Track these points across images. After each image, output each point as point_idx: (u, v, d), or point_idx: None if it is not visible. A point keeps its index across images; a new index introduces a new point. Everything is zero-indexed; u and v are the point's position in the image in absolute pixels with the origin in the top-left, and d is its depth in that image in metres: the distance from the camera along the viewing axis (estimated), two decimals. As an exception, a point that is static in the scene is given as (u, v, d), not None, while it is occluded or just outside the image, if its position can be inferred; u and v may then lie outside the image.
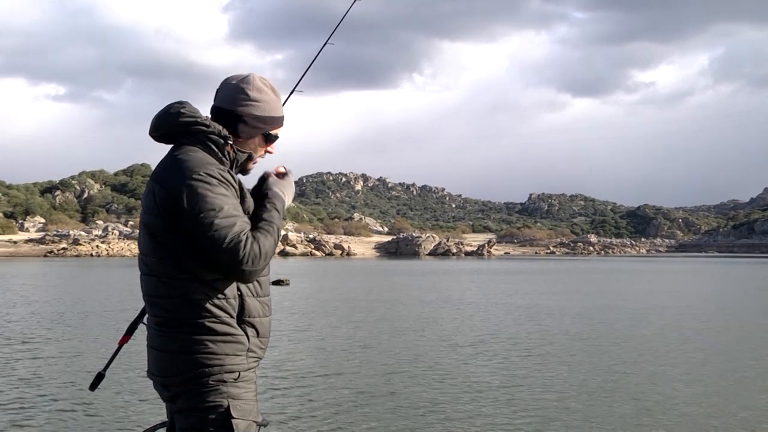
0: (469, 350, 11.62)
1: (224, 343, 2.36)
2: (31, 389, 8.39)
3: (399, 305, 19.63)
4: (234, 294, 2.40)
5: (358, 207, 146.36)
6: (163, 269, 2.37)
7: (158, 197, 2.33)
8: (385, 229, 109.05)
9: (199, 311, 2.35)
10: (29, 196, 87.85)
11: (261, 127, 2.54)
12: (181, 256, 2.34)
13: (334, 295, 23.08)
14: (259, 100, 2.51)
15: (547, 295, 24.05)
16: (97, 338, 12.65)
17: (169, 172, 2.35)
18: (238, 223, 2.30)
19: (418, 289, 26.53)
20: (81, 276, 34.10)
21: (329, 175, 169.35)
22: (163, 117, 2.46)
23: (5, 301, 19.61)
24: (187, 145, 2.41)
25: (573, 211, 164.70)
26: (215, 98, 2.55)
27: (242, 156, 2.53)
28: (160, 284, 2.38)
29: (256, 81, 2.53)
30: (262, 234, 2.36)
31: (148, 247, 2.40)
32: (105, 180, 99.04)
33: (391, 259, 69.18)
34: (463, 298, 22.08)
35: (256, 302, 2.47)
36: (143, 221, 2.42)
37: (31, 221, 78.88)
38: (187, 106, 2.46)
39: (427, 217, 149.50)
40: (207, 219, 2.25)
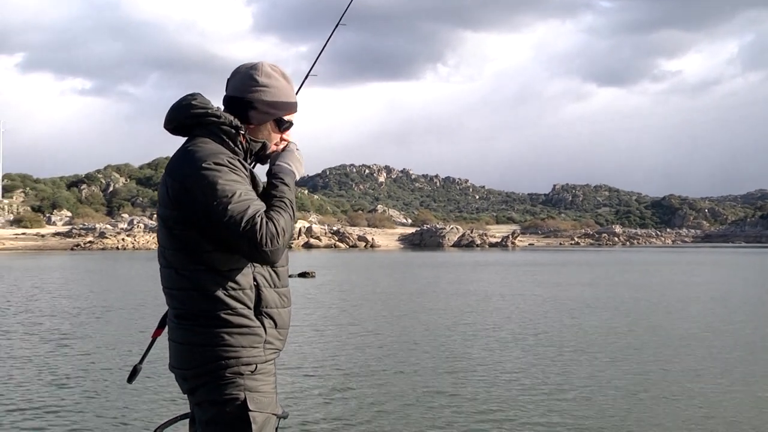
0: (500, 344, 11.40)
1: (241, 335, 2.35)
2: (65, 381, 8.36)
3: (427, 297, 19.48)
4: (250, 285, 2.39)
5: (381, 199, 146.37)
6: (180, 262, 2.37)
7: (171, 189, 2.34)
8: (409, 221, 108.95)
9: (215, 303, 2.34)
10: (56, 190, 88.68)
11: (272, 113, 2.54)
12: (196, 247, 2.34)
13: (361, 288, 22.98)
14: (268, 86, 2.52)
15: (576, 286, 23.73)
16: (131, 331, 12.60)
17: (180, 163, 2.36)
18: (251, 205, 2.28)
19: (445, 281, 26.36)
20: (108, 269, 34.29)
21: (353, 167, 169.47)
22: (175, 109, 2.48)
23: (37, 295, 19.69)
24: (200, 136, 2.42)
25: (597, 202, 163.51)
26: (226, 88, 2.56)
27: (255, 145, 2.52)
28: (177, 276, 2.39)
29: (265, 67, 2.54)
30: (275, 212, 2.34)
31: (165, 239, 2.42)
32: (130, 173, 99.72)
33: (415, 251, 69.03)
34: (491, 290, 21.86)
35: (274, 293, 2.46)
36: (159, 214, 2.44)
37: (58, 215, 79.66)
38: (199, 98, 2.47)
39: (450, 209, 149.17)
40: (220, 206, 2.25)
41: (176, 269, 2.39)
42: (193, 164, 2.31)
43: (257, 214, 2.28)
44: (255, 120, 2.51)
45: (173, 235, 2.37)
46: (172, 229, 2.37)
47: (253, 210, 2.28)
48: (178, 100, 2.49)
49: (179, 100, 2.49)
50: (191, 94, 2.49)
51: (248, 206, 2.28)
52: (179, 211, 2.33)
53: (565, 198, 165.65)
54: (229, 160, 2.34)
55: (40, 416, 6.94)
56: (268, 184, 2.48)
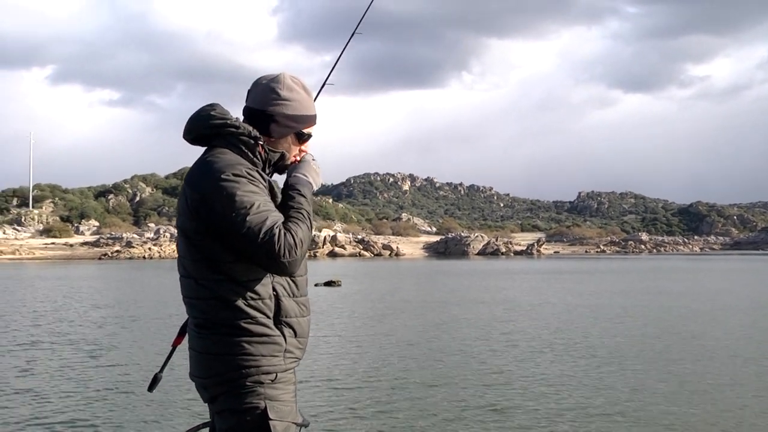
0: (535, 354, 11.27)
1: (260, 344, 2.36)
2: (87, 390, 8.35)
3: (455, 306, 19.36)
4: (269, 294, 2.40)
5: (405, 207, 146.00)
6: (199, 271, 2.39)
7: (190, 200, 2.35)
8: (434, 229, 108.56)
9: (235, 312, 2.35)
10: (84, 200, 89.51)
11: (293, 126, 2.54)
12: (215, 257, 2.35)
13: (388, 297, 22.89)
14: (290, 99, 2.52)
15: (607, 294, 23.46)
16: (156, 340, 12.63)
17: (199, 174, 2.37)
18: (269, 217, 2.29)
19: (472, 289, 26.21)
20: (135, 278, 34.52)
21: (377, 175, 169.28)
22: (194, 120, 2.48)
23: (64, 304, 19.85)
24: (218, 147, 2.43)
25: (623, 209, 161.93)
26: (247, 99, 2.56)
27: (274, 156, 2.52)
28: (196, 286, 2.40)
29: (286, 80, 2.53)
30: (293, 223, 2.35)
31: (184, 249, 2.43)
32: (156, 183, 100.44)
33: (440, 259, 68.79)
34: (520, 299, 21.68)
35: (293, 302, 2.46)
36: (178, 224, 2.45)
37: (86, 224, 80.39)
38: (218, 108, 2.48)
39: (475, 217, 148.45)
40: (239, 217, 2.26)
41: (196, 279, 2.40)
42: (211, 175, 2.32)
43: (275, 226, 2.28)
44: (275, 133, 2.52)
45: (193, 245, 2.39)
46: (191, 239, 2.39)
47: (271, 221, 2.29)
48: (197, 111, 2.50)
49: (198, 110, 2.50)
50: (210, 105, 2.50)
51: (266, 217, 2.28)
52: (198, 221, 2.34)
53: (590, 205, 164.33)
54: (248, 171, 2.35)
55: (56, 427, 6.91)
56: (285, 195, 2.48)
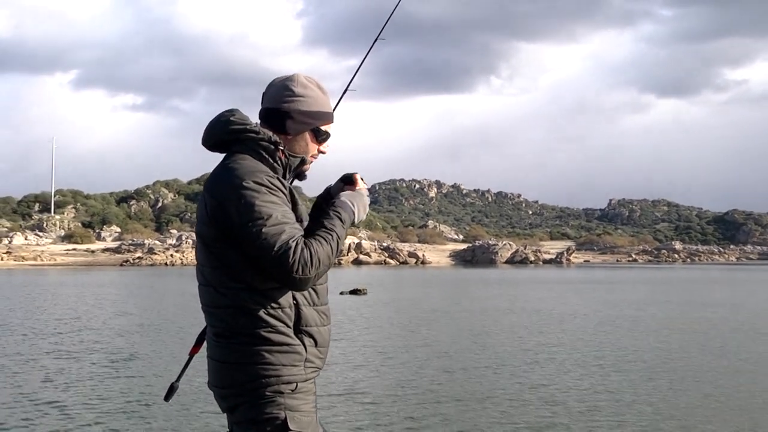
0: (575, 367, 11.05)
1: (281, 353, 2.37)
2: (104, 402, 8.30)
3: (484, 316, 19.18)
4: (289, 303, 2.40)
5: (432, 214, 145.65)
6: (218, 279, 2.40)
7: (209, 207, 2.37)
8: (460, 237, 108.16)
9: (255, 321, 2.36)
10: (106, 205, 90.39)
11: (309, 122, 2.56)
12: (235, 265, 2.36)
13: (415, 305, 22.74)
14: (304, 96, 2.55)
15: (642, 305, 23.09)
16: (176, 348, 12.58)
17: (218, 181, 2.39)
18: (287, 230, 2.29)
19: (501, 298, 25.97)
20: (156, 285, 34.66)
21: (402, 182, 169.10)
22: (213, 126, 2.51)
23: (85, 312, 19.93)
24: (238, 153, 2.45)
25: (655, 217, 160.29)
26: (262, 101, 2.59)
27: (294, 160, 2.55)
28: (215, 294, 2.41)
29: (300, 78, 2.58)
30: (317, 241, 2.33)
31: (203, 257, 2.45)
32: (179, 189, 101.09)
33: (467, 268, 68.52)
34: (551, 308, 21.41)
35: (313, 311, 2.47)
36: (197, 231, 2.47)
37: (107, 230, 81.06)
38: (237, 114, 2.50)
39: (503, 224, 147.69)
40: (255, 227, 2.27)
41: (215, 287, 2.41)
42: (231, 182, 2.33)
43: (291, 239, 2.28)
44: (292, 130, 2.54)
45: (211, 253, 2.40)
46: (210, 246, 2.40)
47: (287, 235, 2.28)
48: (216, 117, 2.51)
49: (217, 116, 2.51)
50: (229, 110, 2.52)
51: (283, 230, 2.28)
52: (216, 228, 2.36)
53: (621, 213, 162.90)
54: (269, 179, 2.36)
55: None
56: (323, 211, 2.49)
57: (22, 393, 8.85)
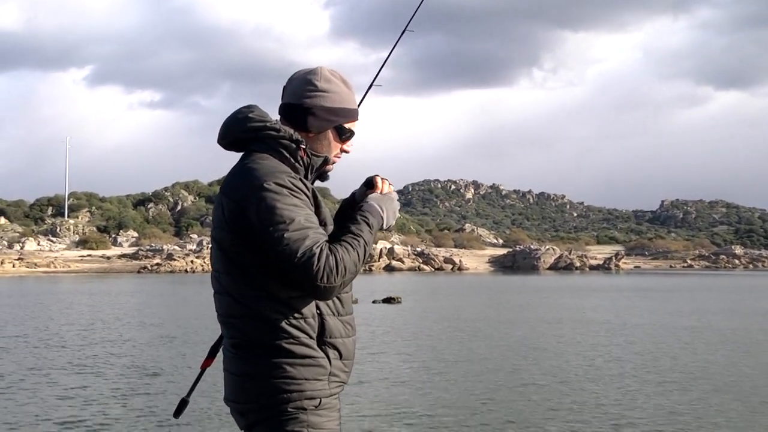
0: (620, 382, 10.76)
1: (303, 366, 2.36)
2: (111, 417, 8.22)
3: (529, 326, 18.99)
4: (313, 313, 2.40)
5: (469, 217, 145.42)
6: (236, 287, 2.40)
7: (227, 210, 2.36)
8: (500, 241, 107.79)
9: (276, 332, 2.35)
10: (122, 209, 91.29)
11: (332, 120, 2.55)
12: (254, 272, 2.36)
13: (453, 315, 22.58)
14: (327, 91, 2.53)
15: (698, 315, 22.63)
16: (191, 361, 12.52)
17: (236, 183, 2.39)
18: (310, 235, 2.29)
19: (546, 307, 25.71)
20: (175, 293, 34.84)
21: (437, 182, 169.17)
22: (230, 123, 2.51)
23: (99, 322, 20.00)
24: (257, 152, 2.44)
25: (713, 219, 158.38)
26: (282, 96, 2.58)
27: (317, 160, 2.54)
28: (233, 303, 2.40)
29: (324, 72, 2.56)
30: (343, 247, 2.33)
31: (220, 263, 2.44)
32: (199, 191, 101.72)
33: (507, 274, 68.18)
34: (599, 319, 21.10)
35: (338, 322, 2.46)
36: (214, 236, 2.46)
37: (124, 235, 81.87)
38: (256, 110, 2.50)
39: (545, 228, 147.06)
40: (277, 232, 2.26)
41: (232, 295, 2.41)
42: (251, 183, 2.33)
43: (316, 245, 2.27)
44: (314, 127, 2.53)
45: (229, 259, 2.40)
46: (227, 252, 2.40)
47: (311, 240, 2.28)
48: (234, 113, 2.53)
49: (234, 112, 2.53)
50: (248, 106, 2.52)
51: (306, 235, 2.28)
52: (235, 233, 2.36)
53: (675, 215, 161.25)
54: (291, 180, 2.35)
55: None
56: (349, 216, 2.49)
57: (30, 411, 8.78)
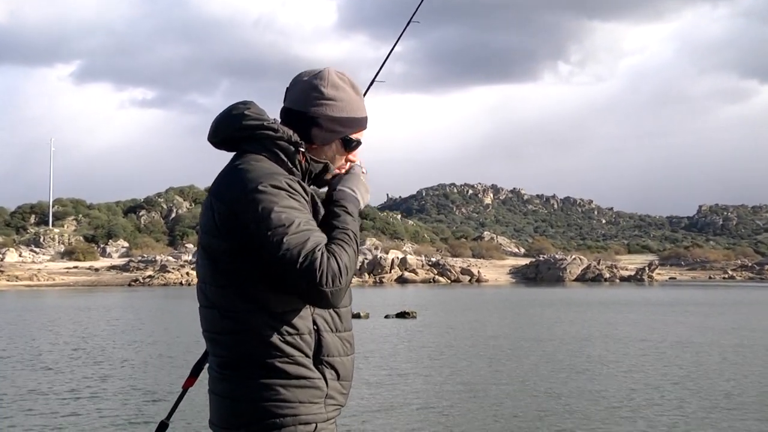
0: (659, 408, 10.59)
1: (298, 388, 2.36)
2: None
3: (555, 345, 18.92)
4: (309, 329, 2.39)
5: (488, 224, 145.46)
6: (226, 300, 2.38)
7: (218, 215, 2.36)
8: (522, 251, 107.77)
9: (268, 350, 2.34)
10: (111, 217, 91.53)
11: (338, 131, 2.55)
12: (246, 284, 2.35)
13: (473, 331, 22.53)
14: (335, 99, 2.53)
15: (744, 332, 22.43)
16: (165, 380, 12.55)
17: (228, 184, 2.39)
18: (311, 238, 2.29)
19: (575, 323, 25.61)
20: (169, 309, 34.85)
21: (453, 186, 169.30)
22: (223, 120, 2.51)
23: (85, 341, 19.97)
24: (251, 152, 2.45)
25: (756, 226, 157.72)
26: (285, 98, 2.58)
27: (316, 167, 2.53)
28: (221, 318, 2.39)
29: (331, 76, 2.55)
30: (337, 246, 2.34)
31: (207, 273, 2.43)
32: (195, 197, 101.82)
33: (530, 286, 68.13)
34: (634, 335, 20.98)
35: (336, 339, 2.45)
36: (202, 244, 2.46)
37: (113, 245, 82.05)
38: (252, 107, 2.50)
39: (571, 236, 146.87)
40: (275, 237, 2.25)
41: (221, 309, 2.39)
42: (245, 185, 2.32)
43: (317, 248, 2.27)
44: (318, 139, 2.53)
45: (218, 270, 2.39)
46: (217, 261, 2.39)
47: (312, 243, 2.27)
48: (227, 109, 2.52)
49: (228, 108, 2.52)
50: (243, 103, 2.52)
51: (307, 238, 2.28)
52: (227, 240, 2.34)
53: (714, 222, 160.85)
54: (288, 182, 2.35)
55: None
56: (328, 212, 2.48)
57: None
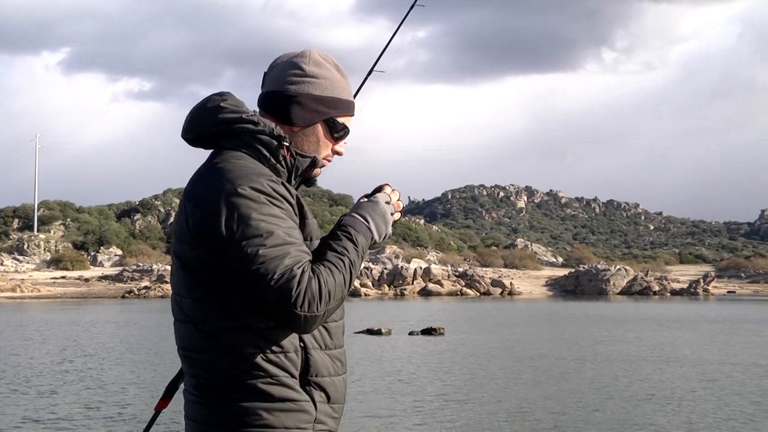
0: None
1: (283, 412, 2.37)
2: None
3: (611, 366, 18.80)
4: (295, 346, 2.40)
5: (521, 231, 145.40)
6: (202, 314, 2.39)
7: (191, 220, 2.36)
8: (559, 260, 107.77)
9: (250, 369, 2.36)
10: (103, 221, 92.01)
11: (321, 111, 2.58)
12: (224, 296, 2.35)
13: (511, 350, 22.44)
14: (317, 76, 2.57)
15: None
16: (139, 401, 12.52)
17: (203, 186, 2.40)
18: (291, 252, 2.29)
19: (623, 342, 25.40)
20: (167, 323, 34.56)
21: (482, 188, 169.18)
22: (197, 114, 2.53)
23: (72, 360, 19.95)
24: (230, 150, 2.47)
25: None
26: (263, 84, 2.62)
27: (303, 161, 2.55)
28: (197, 334, 2.40)
29: (313, 55, 2.61)
30: (326, 268, 2.34)
31: (182, 284, 2.44)
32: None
33: (569, 300, 68.09)
34: (703, 357, 20.67)
35: (325, 357, 2.47)
36: (175, 251, 2.46)
37: (105, 253, 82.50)
38: (229, 99, 2.51)
39: (615, 243, 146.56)
40: (250, 248, 2.26)
41: (197, 324, 2.40)
42: (221, 188, 2.33)
43: (297, 265, 2.27)
44: (299, 119, 2.56)
45: (194, 280, 2.40)
46: (192, 271, 2.40)
47: (292, 259, 2.28)
48: (202, 102, 2.54)
49: (203, 101, 2.54)
50: (219, 94, 2.54)
51: (286, 252, 2.28)
52: (201, 248, 2.35)
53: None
54: (271, 184, 2.36)
55: None
56: (331, 234, 2.48)
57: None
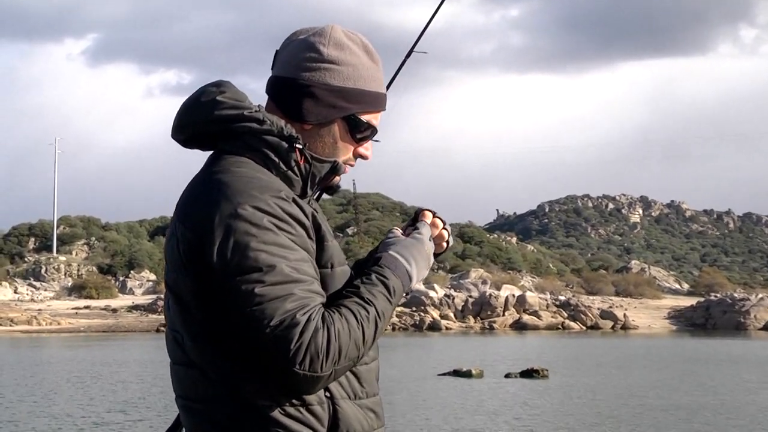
0: None
1: None
2: None
3: (749, 417, 18.68)
4: (320, 398, 2.35)
5: (635, 251, 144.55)
6: (203, 356, 2.35)
7: (182, 244, 2.32)
8: (685, 287, 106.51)
9: (265, 425, 2.31)
10: (134, 240, 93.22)
11: (341, 106, 2.49)
12: (228, 335, 2.29)
13: (629, 398, 22.22)
14: (338, 62, 2.48)
15: None
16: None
17: (195, 203, 2.35)
18: (296, 293, 2.22)
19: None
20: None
21: (587, 199, 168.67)
22: (190, 110, 2.47)
23: (99, 410, 19.98)
24: (230, 154, 2.42)
25: None
26: (273, 65, 2.56)
27: (321, 168, 2.49)
28: (199, 379, 2.36)
29: (335, 33, 2.51)
30: (341, 318, 2.26)
31: (178, 320, 2.41)
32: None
33: (698, 336, 66.98)
34: None
35: (356, 409, 2.42)
36: (167, 282, 2.44)
37: (136, 278, 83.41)
38: (228, 91, 2.45)
39: (755, 266, 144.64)
40: (245, 285, 2.21)
41: (198, 368, 2.36)
42: (216, 206, 2.27)
43: (302, 311, 2.20)
44: (311, 115, 2.48)
45: (190, 315, 2.35)
46: (188, 305, 2.34)
47: (296, 302, 2.21)
48: (195, 95, 2.48)
49: (196, 93, 2.48)
50: (216, 84, 2.46)
51: (289, 293, 2.21)
52: (196, 276, 2.29)
53: None
54: (279, 202, 2.29)
55: None
56: (360, 274, 2.42)
57: None
